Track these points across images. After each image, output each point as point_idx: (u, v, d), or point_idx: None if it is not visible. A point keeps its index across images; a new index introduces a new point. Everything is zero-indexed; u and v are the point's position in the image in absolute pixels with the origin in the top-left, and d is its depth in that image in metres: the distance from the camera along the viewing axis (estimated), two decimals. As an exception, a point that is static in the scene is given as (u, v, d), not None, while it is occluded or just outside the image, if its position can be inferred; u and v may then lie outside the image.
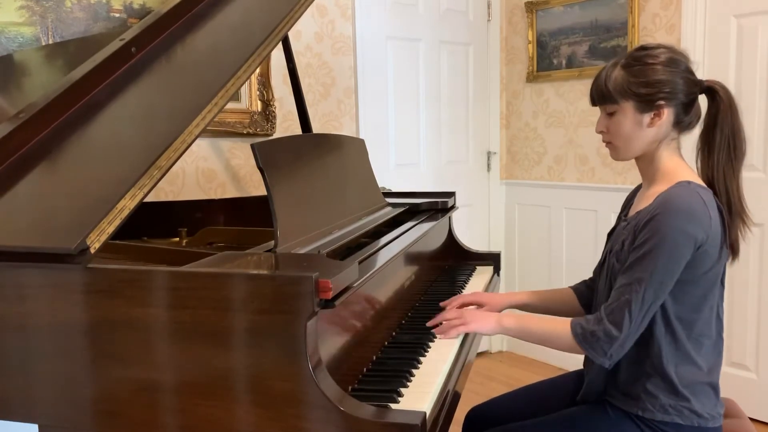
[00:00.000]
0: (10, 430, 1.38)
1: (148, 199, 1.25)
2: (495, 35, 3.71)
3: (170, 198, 2.47)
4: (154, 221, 1.99)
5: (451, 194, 2.34)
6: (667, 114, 1.40)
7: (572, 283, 1.74)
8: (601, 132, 1.49)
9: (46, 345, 1.18)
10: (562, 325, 1.41)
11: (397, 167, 3.34)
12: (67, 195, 1.27)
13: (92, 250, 1.11)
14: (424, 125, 3.46)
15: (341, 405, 1.05)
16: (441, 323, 1.57)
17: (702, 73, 2.88)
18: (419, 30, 3.38)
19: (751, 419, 1.98)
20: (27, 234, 1.21)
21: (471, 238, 3.12)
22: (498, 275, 2.29)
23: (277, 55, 2.49)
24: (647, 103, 1.40)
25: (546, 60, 3.54)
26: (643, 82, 1.39)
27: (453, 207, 2.35)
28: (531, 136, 3.67)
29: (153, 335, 1.13)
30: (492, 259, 2.35)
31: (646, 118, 1.41)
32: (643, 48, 1.43)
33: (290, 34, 2.07)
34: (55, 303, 1.16)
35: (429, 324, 1.59)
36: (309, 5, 1.68)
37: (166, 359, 1.13)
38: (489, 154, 3.76)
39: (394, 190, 2.52)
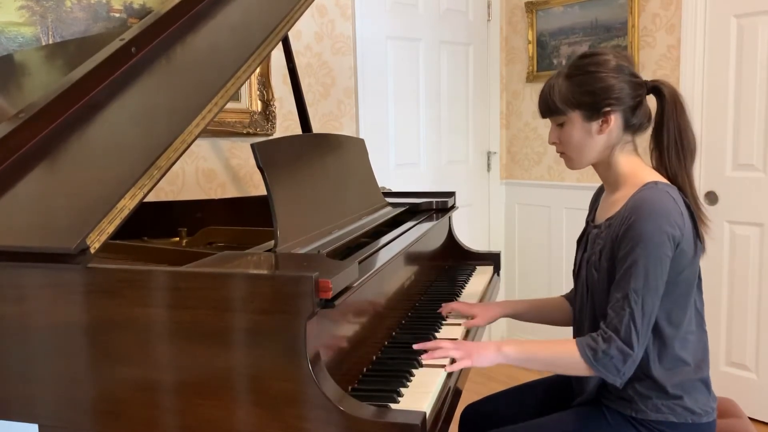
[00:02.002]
0: (10, 430, 1.37)
1: (148, 199, 1.25)
2: (495, 35, 3.70)
3: (170, 198, 2.46)
4: (154, 221, 1.99)
5: (451, 194, 2.34)
6: (615, 119, 1.40)
7: (571, 283, 1.73)
8: (553, 143, 1.50)
9: (46, 345, 1.18)
10: (568, 348, 1.34)
11: (397, 167, 3.33)
12: (67, 195, 1.27)
13: (92, 250, 1.11)
14: (424, 125, 3.46)
15: (341, 405, 1.05)
16: (431, 344, 1.43)
17: (702, 73, 2.89)
18: (419, 30, 3.37)
19: (751, 419, 1.98)
20: (27, 234, 1.21)
21: (471, 238, 3.12)
22: (498, 275, 2.29)
23: (277, 55, 2.48)
24: (593, 111, 1.40)
25: (546, 60, 3.54)
26: (587, 90, 1.40)
27: (453, 207, 2.35)
28: (531, 136, 3.67)
29: (153, 335, 1.13)
30: (492, 259, 2.35)
31: (595, 125, 1.41)
32: (585, 56, 1.44)
33: (290, 34, 2.07)
34: (55, 303, 1.16)
35: (417, 347, 1.43)
36: (309, 5, 1.68)
37: (166, 359, 1.13)
38: (489, 154, 3.76)
39: (394, 190, 2.52)
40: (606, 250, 1.40)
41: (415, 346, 1.43)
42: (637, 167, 1.44)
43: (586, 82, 1.40)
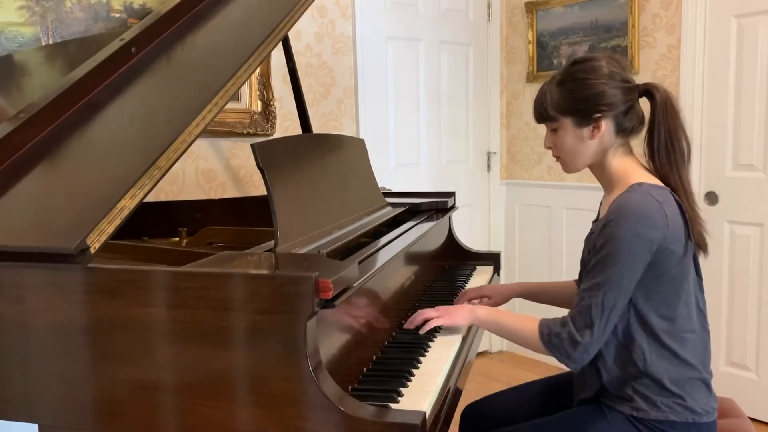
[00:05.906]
0: (10, 430, 1.38)
1: (148, 199, 1.25)
2: (495, 35, 3.70)
3: (170, 198, 2.46)
4: (154, 221, 1.99)
5: (451, 194, 2.34)
6: (606, 125, 1.42)
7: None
8: (549, 148, 1.52)
9: (46, 345, 1.18)
10: (531, 324, 1.41)
11: (397, 167, 3.34)
12: (67, 195, 1.27)
13: (92, 250, 1.11)
14: (424, 125, 3.46)
15: (341, 405, 1.05)
16: (415, 316, 1.57)
17: (702, 73, 2.89)
18: (419, 30, 3.38)
19: (751, 419, 1.98)
20: (27, 234, 1.21)
21: (471, 238, 3.12)
22: (498, 275, 2.29)
23: (277, 55, 2.49)
24: (584, 117, 1.42)
25: (546, 60, 3.54)
26: (578, 98, 1.42)
27: (453, 207, 2.35)
28: (531, 136, 3.67)
29: (153, 335, 1.13)
30: (492, 259, 2.35)
31: (586, 131, 1.43)
32: (576, 62, 1.45)
33: (290, 34, 2.07)
34: (55, 303, 1.16)
35: (406, 326, 1.56)
36: (309, 5, 1.68)
37: (166, 359, 1.13)
38: (489, 154, 3.76)
39: (394, 190, 2.52)
40: (592, 250, 1.41)
41: (405, 326, 1.56)
42: (629, 169, 1.45)
43: (576, 89, 1.42)
